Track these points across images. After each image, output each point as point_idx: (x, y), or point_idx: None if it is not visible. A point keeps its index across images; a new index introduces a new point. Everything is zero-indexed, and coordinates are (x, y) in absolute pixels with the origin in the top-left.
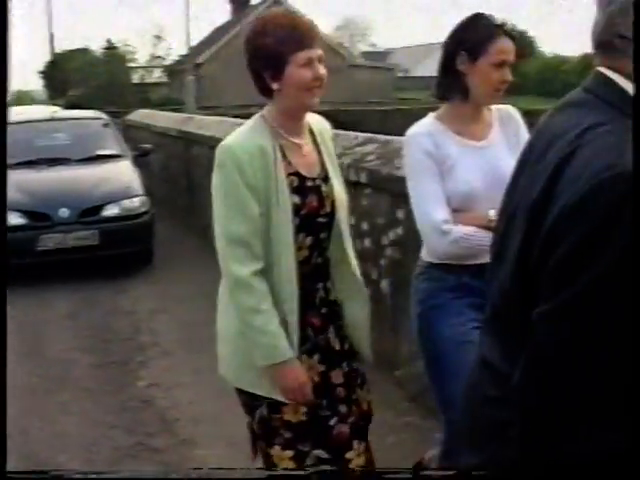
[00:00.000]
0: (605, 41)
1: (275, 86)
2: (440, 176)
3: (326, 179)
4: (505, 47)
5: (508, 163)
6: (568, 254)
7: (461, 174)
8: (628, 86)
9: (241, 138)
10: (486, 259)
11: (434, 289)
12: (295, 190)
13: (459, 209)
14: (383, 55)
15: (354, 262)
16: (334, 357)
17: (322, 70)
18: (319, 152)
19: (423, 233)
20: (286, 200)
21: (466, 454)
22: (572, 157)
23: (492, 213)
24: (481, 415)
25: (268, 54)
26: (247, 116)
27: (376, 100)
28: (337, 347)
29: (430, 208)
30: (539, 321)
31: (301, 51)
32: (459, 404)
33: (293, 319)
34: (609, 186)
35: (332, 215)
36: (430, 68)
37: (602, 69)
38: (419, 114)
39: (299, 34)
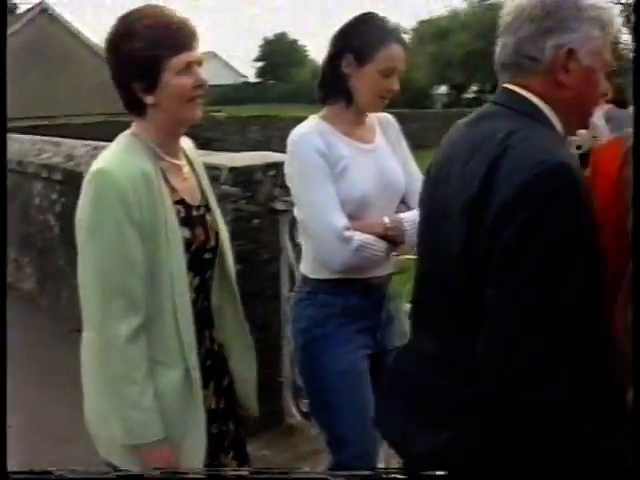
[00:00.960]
0: (514, 62)
1: (149, 99)
2: (333, 179)
3: (208, 207)
4: (395, 54)
5: (395, 168)
6: (511, 240)
7: (355, 178)
8: (534, 99)
9: (119, 161)
10: (376, 273)
11: (320, 316)
12: (183, 221)
13: (352, 216)
14: None
15: (239, 304)
16: (208, 417)
17: (203, 75)
18: (196, 175)
19: (320, 241)
20: (176, 234)
21: (419, 441)
22: (504, 156)
23: (387, 220)
24: (430, 403)
25: (138, 61)
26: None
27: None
28: (213, 406)
29: (329, 213)
30: (495, 300)
31: (178, 54)
32: (354, 438)
33: (197, 374)
34: (542, 179)
35: (216, 250)
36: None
37: (509, 86)
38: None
39: (174, 34)
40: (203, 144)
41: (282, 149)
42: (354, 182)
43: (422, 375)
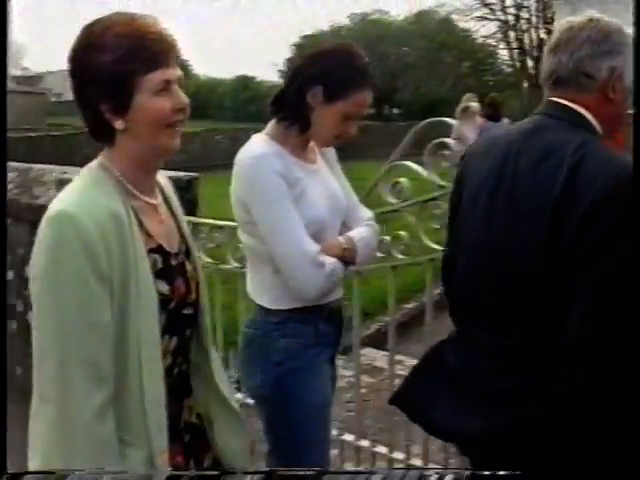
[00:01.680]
0: (573, 78)
1: (119, 124)
2: (294, 203)
3: (188, 253)
4: (366, 100)
5: (338, 188)
6: (604, 235)
7: (312, 201)
8: (586, 113)
9: (83, 200)
10: (335, 297)
11: (294, 348)
12: (159, 274)
13: (312, 239)
14: (36, 79)
15: (219, 364)
16: None
17: (184, 97)
18: (174, 216)
19: (294, 269)
20: (150, 290)
21: (462, 422)
22: (582, 163)
23: (342, 240)
24: (473, 386)
25: (106, 78)
26: None
27: (28, 127)
28: None
29: (300, 240)
30: (588, 286)
31: (154, 71)
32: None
33: (163, 459)
34: (627, 184)
35: (197, 304)
36: None
37: (561, 100)
38: (69, 140)
39: (150, 46)
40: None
41: (169, 165)
42: (312, 205)
43: (474, 362)
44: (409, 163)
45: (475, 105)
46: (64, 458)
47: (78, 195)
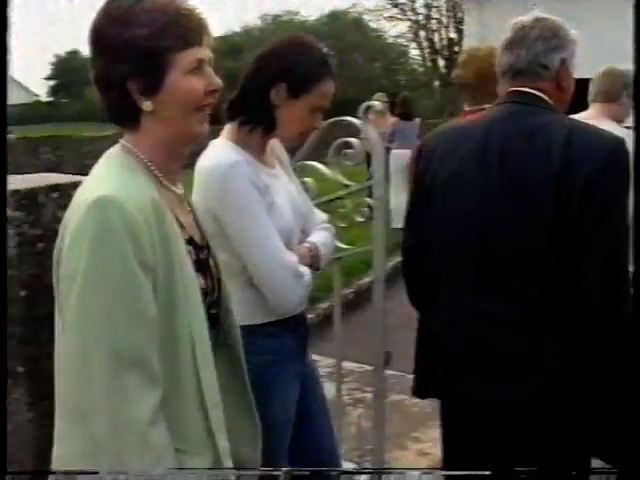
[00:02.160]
0: (531, 69)
1: (147, 105)
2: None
3: (209, 247)
4: (329, 91)
5: (296, 193)
6: (606, 198)
7: (281, 210)
8: (547, 98)
9: (123, 185)
10: (302, 307)
11: (257, 364)
12: (196, 266)
13: None
14: None
15: (245, 376)
16: None
17: (217, 78)
18: (192, 209)
19: (275, 281)
20: (195, 283)
21: (500, 394)
22: (572, 137)
23: (309, 247)
24: (507, 357)
25: (139, 54)
26: None
27: None
28: None
29: (279, 251)
30: (597, 243)
31: (188, 49)
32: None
33: (229, 463)
34: (621, 151)
35: (220, 303)
36: None
37: (524, 88)
38: None
39: (184, 23)
40: None
41: (74, 170)
42: (281, 214)
43: (485, 332)
44: (314, 163)
45: (378, 104)
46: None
47: (116, 180)
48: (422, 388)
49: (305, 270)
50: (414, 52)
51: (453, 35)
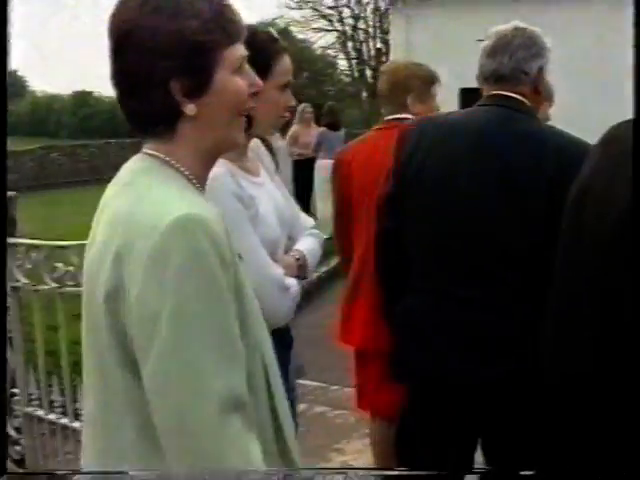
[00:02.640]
0: (513, 75)
1: (191, 108)
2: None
3: None
4: (288, 64)
5: (281, 199)
6: (574, 193)
7: (266, 220)
8: (524, 99)
9: (193, 201)
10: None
11: None
12: None
13: None
14: None
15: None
16: None
17: (258, 79)
18: None
19: (261, 296)
20: (252, 295)
21: (483, 372)
22: (563, 144)
23: (297, 257)
24: (490, 338)
25: (186, 50)
26: None
27: None
28: None
29: (265, 264)
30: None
31: (235, 44)
32: None
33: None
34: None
35: None
36: None
37: (507, 93)
38: None
39: (230, 15)
40: None
41: None
42: (266, 224)
43: (467, 315)
44: None
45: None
46: None
47: (177, 195)
48: (400, 372)
49: (291, 282)
50: (342, 63)
51: (380, 46)
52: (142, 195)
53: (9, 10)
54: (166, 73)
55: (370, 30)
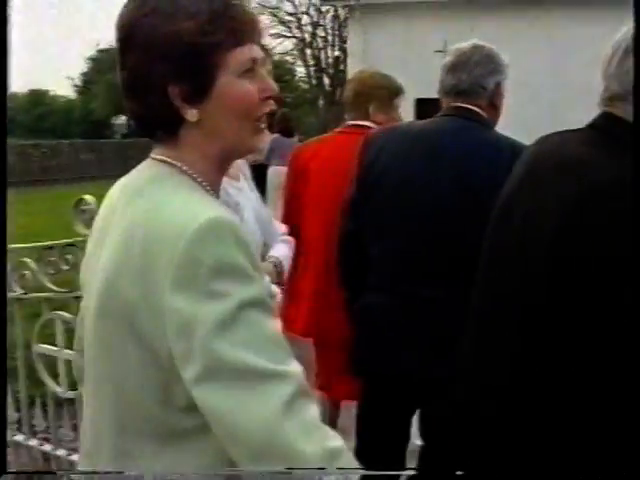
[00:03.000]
0: (469, 89)
1: (191, 115)
2: None
3: None
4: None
5: (258, 204)
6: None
7: (249, 225)
8: (481, 112)
9: (215, 206)
10: None
11: None
12: None
13: None
14: None
15: None
16: None
17: (273, 83)
18: None
19: None
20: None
21: (436, 369)
22: (516, 153)
23: (275, 263)
24: (443, 336)
25: (183, 52)
26: None
27: None
28: None
29: None
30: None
31: (241, 46)
32: None
33: None
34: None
35: None
36: None
37: (468, 105)
38: None
39: (236, 15)
40: None
41: None
42: (250, 229)
43: (434, 315)
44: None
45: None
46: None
47: (200, 200)
48: (358, 367)
49: (275, 289)
50: (300, 70)
51: (338, 54)
52: (160, 202)
53: (9, 10)
54: (163, 77)
55: (329, 38)
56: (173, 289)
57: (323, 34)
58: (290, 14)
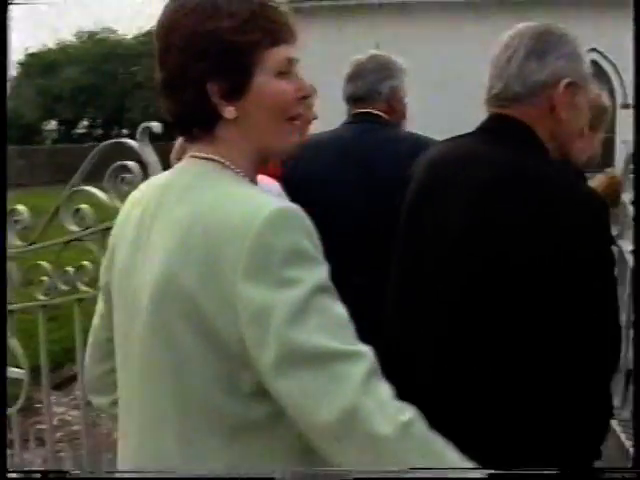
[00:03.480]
0: (366, 95)
1: (229, 111)
2: None
3: None
4: None
5: None
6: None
7: None
8: (381, 114)
9: (277, 199)
10: None
11: None
12: None
13: None
14: None
15: None
16: None
17: (308, 83)
18: None
19: None
20: None
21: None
22: (416, 147)
23: None
24: None
25: (222, 50)
26: None
27: None
28: None
29: None
30: None
31: (278, 46)
32: None
33: None
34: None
35: None
36: None
37: (363, 109)
38: None
39: (273, 15)
40: None
41: None
42: None
43: (361, 300)
44: (89, 188)
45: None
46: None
47: (256, 192)
48: None
49: None
50: None
51: None
52: (220, 195)
53: (9, 10)
54: (202, 74)
55: None
56: (245, 277)
57: None
58: None
